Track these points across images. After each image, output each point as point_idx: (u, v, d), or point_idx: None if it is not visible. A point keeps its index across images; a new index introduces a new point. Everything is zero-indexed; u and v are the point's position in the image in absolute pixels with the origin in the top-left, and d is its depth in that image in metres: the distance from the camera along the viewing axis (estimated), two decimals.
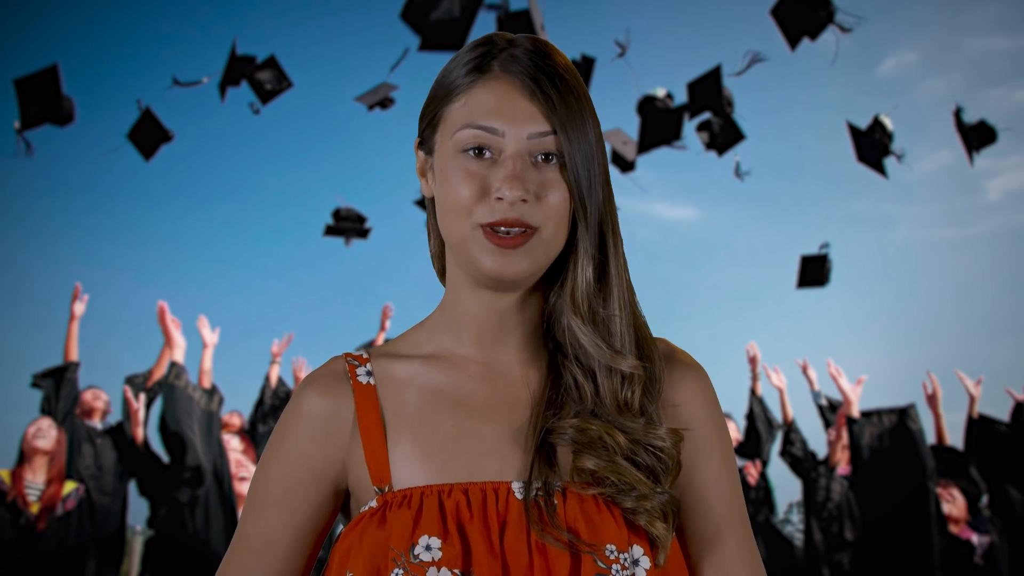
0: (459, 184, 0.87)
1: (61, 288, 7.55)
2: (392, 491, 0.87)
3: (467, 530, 0.82)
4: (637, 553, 0.83)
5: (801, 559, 5.67)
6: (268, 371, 6.03)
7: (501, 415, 0.91)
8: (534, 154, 0.87)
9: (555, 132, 0.87)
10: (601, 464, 0.84)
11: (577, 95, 0.89)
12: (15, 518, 4.41)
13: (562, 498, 0.84)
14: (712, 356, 1.03)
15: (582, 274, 0.89)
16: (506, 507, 0.84)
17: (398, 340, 1.00)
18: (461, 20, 4.73)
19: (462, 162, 0.88)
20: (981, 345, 30.59)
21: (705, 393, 0.96)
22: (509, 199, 0.85)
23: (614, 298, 0.90)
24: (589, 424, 0.86)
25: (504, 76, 0.89)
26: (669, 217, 34.76)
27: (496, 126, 0.87)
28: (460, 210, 0.87)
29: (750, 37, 12.21)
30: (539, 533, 0.81)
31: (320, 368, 0.97)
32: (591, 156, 0.89)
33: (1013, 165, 33.50)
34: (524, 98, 0.87)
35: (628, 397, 0.88)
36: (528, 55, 0.90)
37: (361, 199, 9.15)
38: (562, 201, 0.87)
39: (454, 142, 0.88)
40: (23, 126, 5.37)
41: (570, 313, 0.90)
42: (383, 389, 0.94)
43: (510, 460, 0.87)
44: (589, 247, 0.89)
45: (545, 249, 0.88)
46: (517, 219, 0.85)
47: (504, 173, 0.86)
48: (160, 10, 22.70)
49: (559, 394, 0.90)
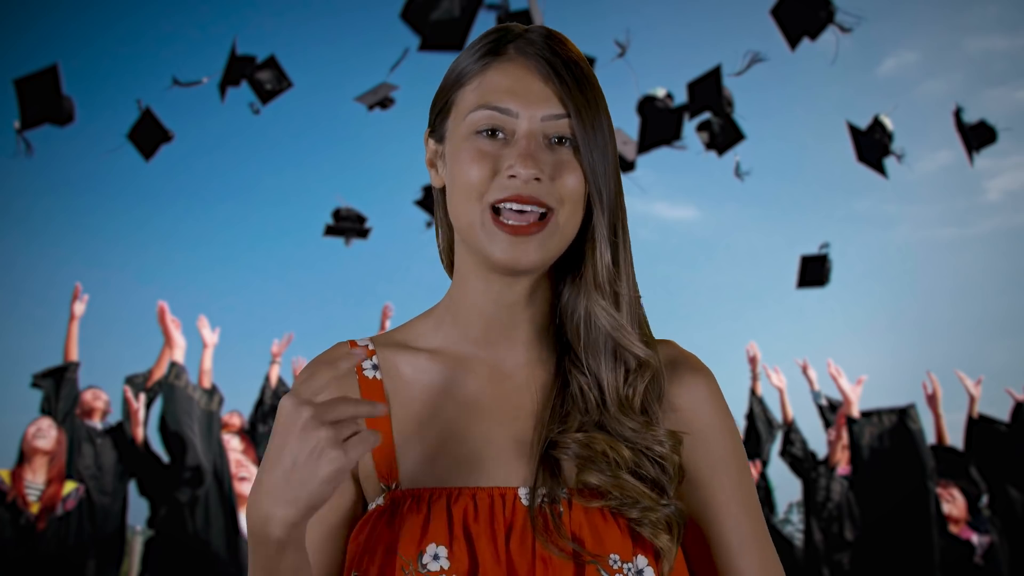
0: (471, 164, 0.85)
1: (61, 288, 7.55)
2: (400, 489, 0.86)
3: (474, 536, 0.82)
4: (641, 563, 0.82)
5: (801, 559, 5.67)
6: (268, 371, 6.04)
7: (509, 419, 0.90)
8: (548, 136, 0.86)
9: (569, 115, 0.85)
10: (605, 479, 0.83)
11: (591, 83, 0.88)
12: (15, 518, 4.40)
13: (567, 507, 0.83)
14: (712, 356, 1.02)
15: (601, 259, 0.88)
16: (512, 513, 0.83)
17: (404, 329, 0.98)
18: (461, 20, 4.73)
19: (474, 143, 0.86)
20: (981, 345, 30.61)
21: (716, 398, 0.94)
22: (523, 176, 0.83)
23: (626, 286, 0.89)
24: (594, 439, 0.85)
25: (519, 58, 0.87)
26: (669, 217, 34.75)
27: (510, 107, 0.85)
28: (471, 191, 0.85)
29: (750, 37, 12.20)
30: (543, 543, 0.80)
31: (323, 355, 0.94)
32: (605, 143, 0.87)
33: (1013, 165, 33.51)
34: (539, 80, 0.86)
35: (630, 393, 0.87)
36: (543, 39, 0.89)
37: (361, 199, 9.16)
38: (577, 184, 0.86)
39: (467, 124, 0.87)
40: (23, 126, 5.37)
41: (596, 296, 0.88)
42: (390, 383, 0.92)
43: (515, 467, 0.86)
44: (607, 232, 0.87)
45: (560, 235, 0.86)
46: (531, 196, 0.83)
47: (517, 151, 0.84)
48: (160, 10, 22.72)
49: (564, 403, 0.89)
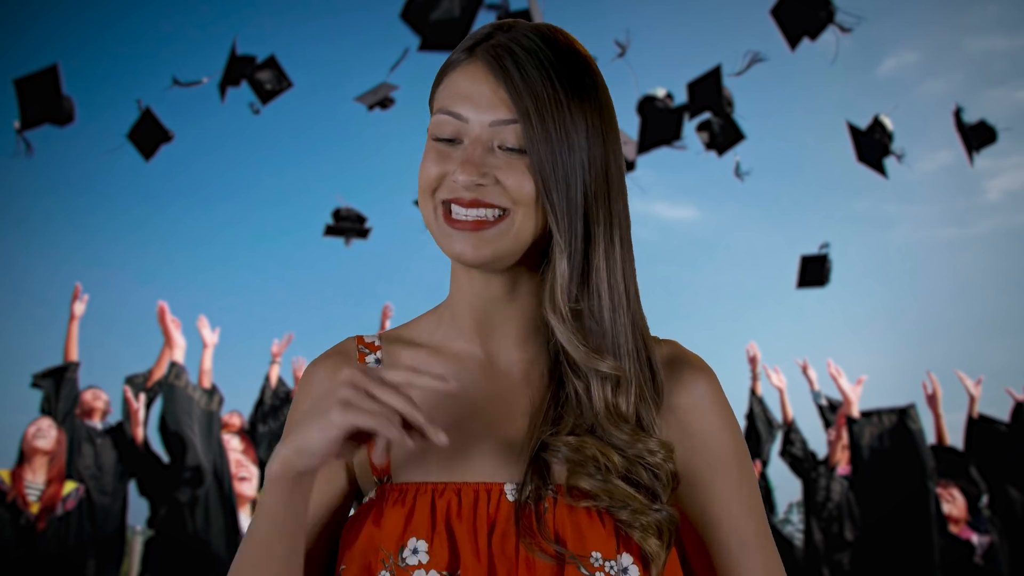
0: (428, 164, 0.88)
1: (61, 288, 7.55)
2: (391, 483, 0.87)
3: (455, 531, 0.82)
4: (626, 561, 0.81)
5: (801, 559, 5.67)
6: (268, 371, 6.05)
7: (500, 418, 0.90)
8: (501, 142, 0.86)
9: (518, 121, 0.85)
10: (595, 484, 0.83)
11: (563, 83, 0.86)
12: (15, 518, 4.40)
13: (552, 504, 0.83)
14: (712, 356, 1.02)
15: (557, 268, 0.87)
16: (496, 509, 0.83)
17: (411, 325, 1.00)
18: (461, 20, 4.74)
19: (434, 144, 0.89)
20: (981, 345, 30.61)
21: (717, 398, 0.93)
22: (462, 183, 0.85)
23: (599, 296, 0.87)
24: (584, 443, 0.84)
25: (480, 62, 0.87)
26: (669, 217, 34.76)
27: (461, 111, 0.87)
28: (426, 189, 0.88)
29: (750, 37, 12.21)
30: (526, 546, 0.80)
31: (331, 349, 0.98)
32: (568, 146, 0.85)
33: (1013, 165, 33.52)
34: (491, 85, 0.86)
35: (620, 403, 0.86)
36: (515, 41, 0.87)
37: (361, 199, 9.13)
38: (529, 187, 0.85)
39: (432, 125, 0.89)
40: (23, 126, 5.37)
41: (548, 310, 0.88)
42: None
43: (503, 464, 0.87)
44: (563, 241, 0.86)
45: (514, 235, 0.86)
46: (474, 199, 0.85)
47: (462, 157, 0.86)
48: (160, 10, 22.73)
49: (559, 405, 0.88)
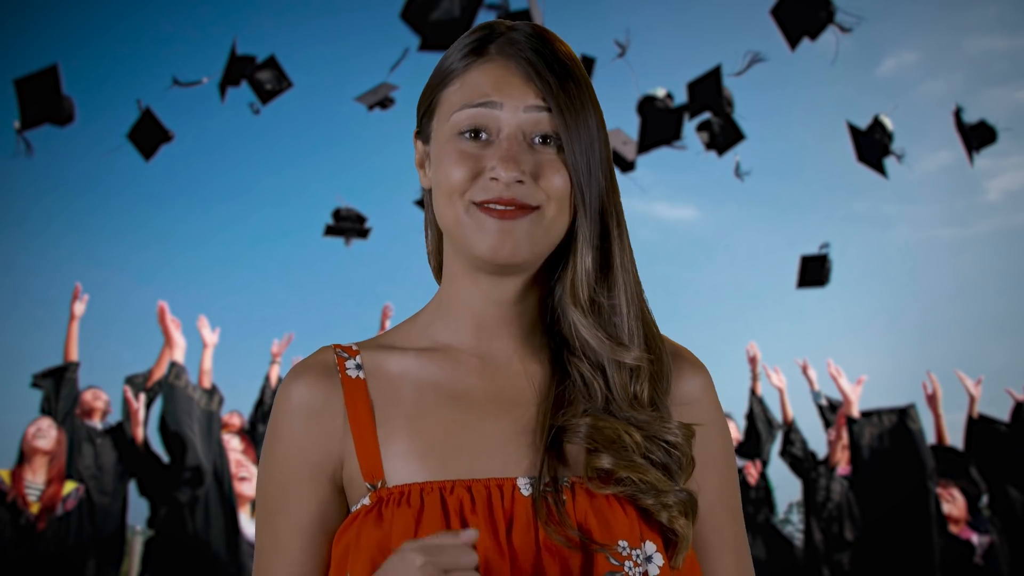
0: (453, 165, 0.85)
1: (61, 288, 7.54)
2: (387, 487, 0.85)
3: (472, 526, 0.80)
4: (650, 549, 0.81)
5: (801, 559, 5.67)
6: (268, 371, 6.05)
7: (504, 410, 0.89)
8: (531, 135, 0.85)
9: (551, 111, 0.85)
10: (619, 463, 0.82)
11: (577, 81, 0.87)
12: (15, 518, 4.41)
13: (571, 494, 0.82)
14: (712, 356, 1.02)
15: (582, 262, 0.87)
16: (512, 504, 0.82)
17: (390, 333, 0.97)
18: (461, 20, 4.74)
19: (457, 144, 0.86)
20: (981, 345, 30.57)
21: (712, 395, 0.95)
22: (504, 179, 0.83)
23: (619, 288, 0.88)
24: (604, 422, 0.84)
25: (499, 59, 0.87)
26: (669, 217, 34.74)
27: (493, 98, 0.85)
28: (453, 191, 0.85)
29: (750, 37, 12.20)
30: (549, 532, 0.80)
31: (307, 359, 0.93)
32: (591, 142, 0.86)
33: (1013, 165, 33.50)
34: (520, 79, 0.86)
35: (638, 391, 0.86)
36: (527, 39, 0.88)
37: (361, 199, 9.14)
38: (562, 183, 0.85)
39: (450, 125, 0.87)
40: (23, 126, 5.37)
41: (569, 304, 0.88)
42: (373, 382, 0.91)
43: (515, 457, 0.85)
44: (589, 235, 0.87)
45: (547, 230, 0.86)
46: (512, 199, 0.83)
47: (499, 154, 0.84)
48: (160, 10, 22.70)
49: (567, 391, 0.88)
